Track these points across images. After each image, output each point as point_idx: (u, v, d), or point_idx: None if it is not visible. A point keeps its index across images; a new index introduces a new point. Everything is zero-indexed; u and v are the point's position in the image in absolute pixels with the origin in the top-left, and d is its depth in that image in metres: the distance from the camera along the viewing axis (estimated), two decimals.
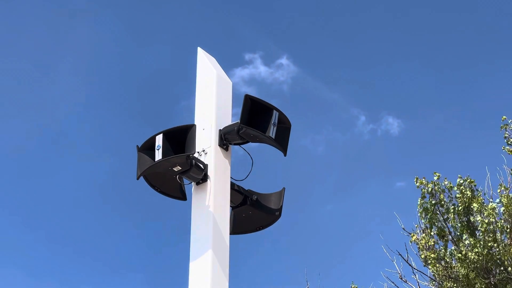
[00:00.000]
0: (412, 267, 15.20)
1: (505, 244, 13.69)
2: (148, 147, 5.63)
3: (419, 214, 14.72)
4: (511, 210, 13.73)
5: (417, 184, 14.61)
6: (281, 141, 5.84)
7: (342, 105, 26.76)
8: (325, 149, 26.33)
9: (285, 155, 5.85)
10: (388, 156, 26.21)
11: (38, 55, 25.78)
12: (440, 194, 14.48)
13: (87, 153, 26.02)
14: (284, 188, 6.02)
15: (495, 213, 13.77)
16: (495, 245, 13.74)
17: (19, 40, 25.92)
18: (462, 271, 13.80)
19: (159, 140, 5.58)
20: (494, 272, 13.97)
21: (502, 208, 13.94)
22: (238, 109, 5.78)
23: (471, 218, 14.17)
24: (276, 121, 5.80)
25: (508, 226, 13.71)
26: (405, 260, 15.27)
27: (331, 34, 27.72)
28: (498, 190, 14.21)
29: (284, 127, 5.87)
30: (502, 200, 13.93)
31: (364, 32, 27.49)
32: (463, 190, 14.23)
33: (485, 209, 13.73)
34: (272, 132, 5.77)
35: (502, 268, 13.95)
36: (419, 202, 14.64)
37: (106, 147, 26.23)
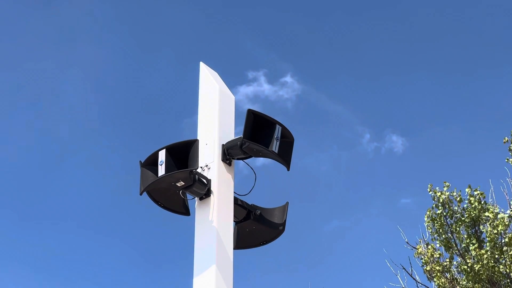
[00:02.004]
0: (416, 281, 15.17)
1: (511, 256, 13.64)
2: (151, 163, 5.62)
3: (426, 224, 14.68)
4: None
5: (431, 193, 14.56)
6: (284, 156, 5.82)
7: (347, 123, 26.84)
8: (329, 167, 26.39)
9: (288, 169, 5.84)
10: (393, 174, 26.26)
11: (42, 74, 25.87)
12: (448, 205, 14.43)
13: (89, 171, 26.10)
14: (287, 203, 6.00)
15: (505, 224, 13.74)
16: (502, 256, 13.71)
17: (25, 58, 26.02)
18: (468, 284, 13.75)
19: (162, 155, 5.57)
20: (500, 284, 13.92)
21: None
22: (242, 127, 5.77)
23: (481, 228, 14.12)
24: (279, 136, 5.79)
25: None
26: (409, 274, 15.24)
27: (336, 52, 27.82)
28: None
29: (287, 141, 5.86)
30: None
31: (370, 51, 27.60)
32: (472, 202, 14.20)
33: (496, 219, 13.69)
34: (275, 146, 5.76)
35: (508, 280, 13.91)
36: (427, 212, 14.59)
37: (109, 165, 26.27)
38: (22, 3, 26.00)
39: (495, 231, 13.63)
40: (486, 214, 13.90)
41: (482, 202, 14.27)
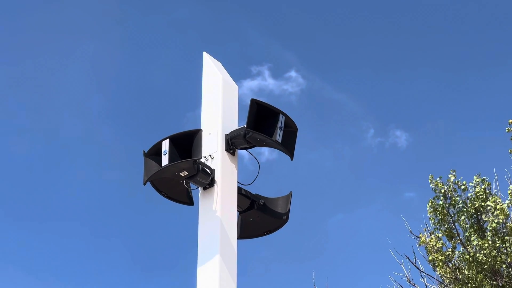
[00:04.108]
0: (420, 270, 15.17)
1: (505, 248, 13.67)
2: (154, 153, 5.62)
3: (429, 214, 14.68)
4: None
5: (432, 184, 14.55)
6: (288, 145, 5.82)
7: (351, 118, 26.91)
8: (334, 161, 26.47)
9: (292, 159, 5.83)
10: (396, 168, 26.35)
11: (46, 69, 25.87)
12: (451, 194, 14.42)
13: (91, 167, 26.16)
14: (291, 192, 6.00)
15: (505, 214, 13.74)
16: (504, 245, 13.72)
17: (27, 53, 26.02)
18: (470, 273, 13.77)
19: (165, 145, 5.57)
20: (502, 274, 13.93)
21: None
22: (245, 120, 5.75)
23: (483, 217, 14.12)
24: (283, 125, 5.78)
25: None
26: (413, 263, 15.25)
27: (340, 46, 27.81)
28: (509, 191, 14.18)
29: (291, 131, 5.85)
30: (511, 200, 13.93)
31: (375, 46, 27.59)
32: (478, 190, 14.19)
33: (496, 209, 13.71)
34: (278, 136, 5.75)
35: (510, 269, 13.92)
36: (430, 202, 14.59)
37: (112, 161, 26.32)
38: None
39: (496, 221, 13.64)
40: (488, 203, 13.89)
41: (487, 192, 14.27)
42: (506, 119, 14.75)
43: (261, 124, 5.75)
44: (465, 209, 14.31)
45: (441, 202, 14.44)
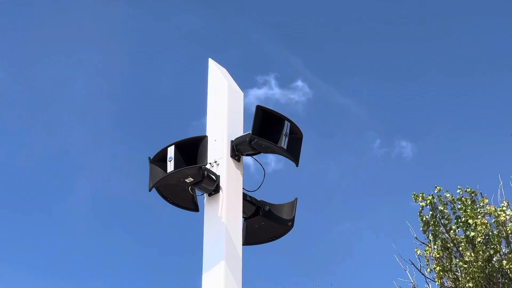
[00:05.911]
0: (425, 276, 15.15)
1: (498, 256, 13.74)
2: (160, 159, 5.63)
3: (421, 228, 14.73)
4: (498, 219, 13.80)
5: (415, 201, 14.61)
6: (293, 152, 5.82)
7: (358, 128, 26.96)
8: (340, 172, 26.53)
9: (297, 165, 5.84)
10: (402, 178, 26.41)
11: (52, 78, 25.92)
12: (440, 206, 14.46)
13: (95, 174, 26.23)
14: (296, 199, 6.00)
15: (487, 227, 13.82)
16: (497, 255, 13.78)
17: (35, 63, 26.08)
18: (467, 283, 13.81)
19: (171, 151, 5.58)
20: (498, 282, 13.94)
21: (493, 220, 13.99)
22: (251, 127, 5.75)
23: (467, 233, 14.19)
24: (288, 132, 5.79)
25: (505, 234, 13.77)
26: (417, 269, 15.23)
27: (347, 56, 27.86)
28: (481, 203, 14.29)
29: (296, 137, 5.86)
30: (489, 212, 14.03)
31: (381, 56, 27.66)
32: (464, 201, 14.24)
33: (478, 225, 13.81)
34: (284, 142, 5.76)
35: (507, 280, 13.92)
36: (419, 216, 14.65)
37: (118, 168, 26.34)
38: (31, 7, 26.08)
39: (480, 234, 13.74)
40: (470, 221, 13.98)
41: (475, 201, 14.31)
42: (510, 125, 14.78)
43: (267, 131, 5.76)
44: (456, 221, 14.38)
45: (430, 213, 14.48)
